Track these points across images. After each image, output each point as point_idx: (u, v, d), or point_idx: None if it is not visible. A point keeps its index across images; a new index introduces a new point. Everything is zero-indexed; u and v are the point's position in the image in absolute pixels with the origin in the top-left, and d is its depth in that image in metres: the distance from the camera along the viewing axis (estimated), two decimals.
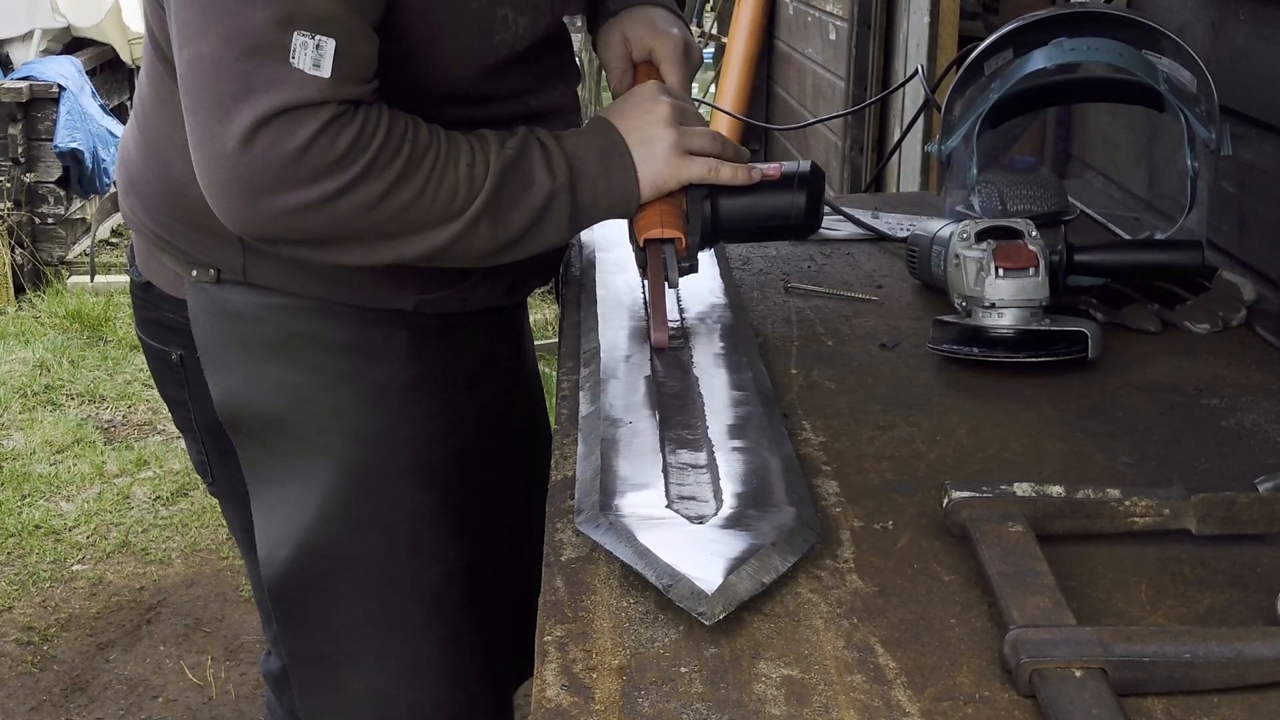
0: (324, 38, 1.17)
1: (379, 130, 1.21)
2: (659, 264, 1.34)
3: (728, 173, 1.37)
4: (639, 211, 1.36)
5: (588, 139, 1.35)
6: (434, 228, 1.26)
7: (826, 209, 1.65)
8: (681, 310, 1.48)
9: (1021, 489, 1.06)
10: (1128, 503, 1.05)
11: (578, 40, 4.24)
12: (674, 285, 1.35)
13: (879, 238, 1.86)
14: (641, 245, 1.36)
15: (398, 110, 1.25)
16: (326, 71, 1.17)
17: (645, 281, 1.39)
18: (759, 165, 1.40)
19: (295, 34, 1.16)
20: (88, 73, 5.66)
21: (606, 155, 1.34)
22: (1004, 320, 1.39)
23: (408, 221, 1.24)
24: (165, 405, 1.62)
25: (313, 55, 1.17)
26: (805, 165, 1.41)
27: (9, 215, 5.32)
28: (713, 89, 5.70)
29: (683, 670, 0.89)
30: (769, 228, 1.42)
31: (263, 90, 1.16)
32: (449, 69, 1.32)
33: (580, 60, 2.84)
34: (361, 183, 1.21)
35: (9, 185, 5.32)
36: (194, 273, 1.42)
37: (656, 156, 1.34)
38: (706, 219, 1.38)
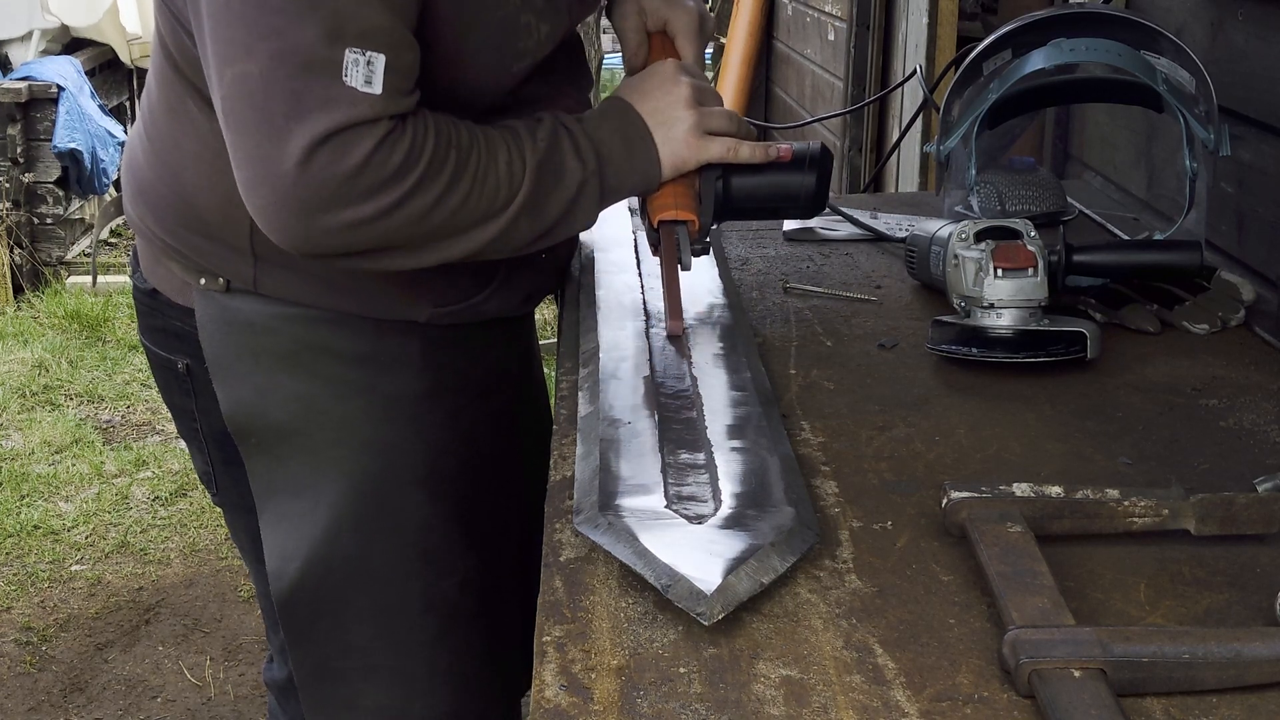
0: (374, 53, 1.16)
1: (428, 140, 1.21)
2: (672, 246, 1.36)
3: (746, 151, 1.38)
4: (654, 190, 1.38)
5: (610, 122, 1.35)
6: (478, 227, 1.26)
7: (826, 210, 1.66)
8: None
9: (1020, 489, 1.06)
10: (1126, 503, 1.05)
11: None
12: (687, 268, 1.36)
13: (878, 238, 1.86)
14: (655, 226, 1.37)
15: (438, 114, 1.25)
16: (378, 88, 1.16)
17: (658, 261, 1.40)
18: (774, 144, 1.42)
19: (346, 50, 1.15)
20: (87, 73, 5.66)
21: (630, 139, 1.35)
22: (1003, 320, 1.39)
23: (455, 225, 1.25)
24: (165, 408, 1.60)
25: (364, 72, 1.16)
26: (815, 146, 1.43)
27: (8, 215, 5.32)
28: None
29: (681, 670, 0.89)
30: (778, 206, 1.44)
31: (318, 110, 1.15)
32: (472, 79, 1.32)
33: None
34: (415, 194, 1.21)
35: (8, 185, 5.32)
36: (202, 280, 1.40)
37: (677, 138, 1.35)
38: (719, 198, 1.40)
